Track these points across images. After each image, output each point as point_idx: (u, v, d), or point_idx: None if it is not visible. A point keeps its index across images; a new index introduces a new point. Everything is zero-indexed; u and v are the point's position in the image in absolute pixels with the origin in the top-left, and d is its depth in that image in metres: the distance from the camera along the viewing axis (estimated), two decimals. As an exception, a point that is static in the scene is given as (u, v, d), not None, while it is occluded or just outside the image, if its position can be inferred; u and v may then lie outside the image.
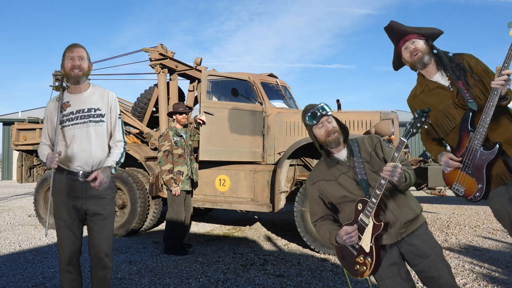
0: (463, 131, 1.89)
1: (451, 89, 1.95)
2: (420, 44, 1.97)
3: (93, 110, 2.28)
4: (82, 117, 2.25)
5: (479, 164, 1.84)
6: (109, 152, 2.37)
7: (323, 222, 1.91)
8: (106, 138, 2.33)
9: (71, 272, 2.28)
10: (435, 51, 2.00)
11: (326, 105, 1.85)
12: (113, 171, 2.27)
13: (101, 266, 2.30)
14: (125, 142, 2.41)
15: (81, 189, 2.24)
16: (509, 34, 1.74)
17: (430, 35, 2.01)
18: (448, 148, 2.09)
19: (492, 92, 1.75)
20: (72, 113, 2.25)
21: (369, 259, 1.70)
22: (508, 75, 1.70)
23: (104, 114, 2.31)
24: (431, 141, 2.13)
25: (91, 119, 2.26)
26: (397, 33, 2.04)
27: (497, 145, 1.81)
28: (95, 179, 2.15)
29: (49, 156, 2.11)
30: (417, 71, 2.10)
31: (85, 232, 2.30)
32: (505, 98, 1.77)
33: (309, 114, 1.85)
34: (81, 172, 2.23)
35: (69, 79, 2.26)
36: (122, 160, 2.35)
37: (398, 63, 2.15)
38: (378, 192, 1.66)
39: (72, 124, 2.23)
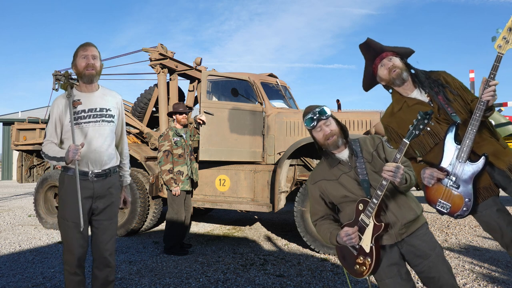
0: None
1: (432, 105, 1.94)
2: (397, 61, 1.99)
3: (105, 110, 2.28)
4: (95, 116, 2.24)
5: (467, 177, 1.81)
6: (117, 151, 2.41)
7: (323, 221, 1.91)
8: (115, 138, 2.37)
9: (78, 274, 2.25)
10: (412, 71, 2.01)
11: (325, 107, 1.84)
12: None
13: (105, 265, 2.29)
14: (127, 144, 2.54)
15: (91, 189, 2.23)
16: (494, 47, 1.77)
17: (404, 54, 2.03)
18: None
19: (478, 103, 1.75)
20: (84, 111, 2.23)
21: (369, 259, 1.70)
22: (495, 85, 1.71)
23: (114, 115, 2.34)
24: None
25: (103, 118, 2.26)
26: (374, 50, 2.04)
27: (484, 156, 1.78)
28: (124, 202, 2.48)
29: (71, 147, 2.05)
30: (390, 90, 2.09)
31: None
32: (490, 109, 1.78)
33: (307, 118, 1.84)
34: (91, 171, 2.22)
35: (82, 77, 2.24)
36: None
37: (370, 83, 2.14)
38: (379, 192, 1.65)
39: (84, 122, 2.22)
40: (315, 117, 1.82)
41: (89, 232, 2.32)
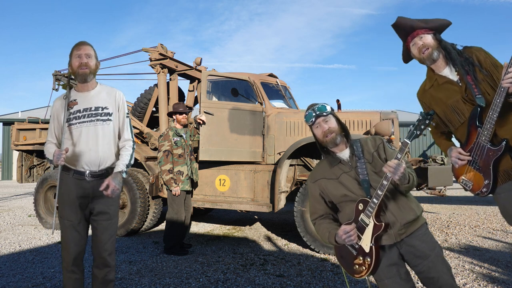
0: (471, 126, 1.87)
1: (460, 84, 1.93)
2: (429, 39, 1.94)
3: (100, 108, 2.27)
4: (90, 115, 2.24)
5: (486, 160, 1.82)
6: (117, 151, 2.35)
7: (322, 220, 1.92)
8: (113, 137, 2.32)
9: (75, 272, 2.27)
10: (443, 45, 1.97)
11: (325, 104, 1.85)
12: (124, 175, 2.27)
13: (104, 265, 2.29)
14: (133, 141, 2.40)
15: (88, 189, 2.23)
16: None
17: (438, 28, 1.97)
18: (457, 143, 2.08)
19: (499, 88, 1.73)
20: (79, 111, 2.23)
21: (369, 259, 1.70)
22: None
23: (112, 113, 2.30)
24: (440, 135, 2.12)
25: (98, 117, 2.25)
26: (404, 29, 2.00)
27: (504, 142, 1.78)
28: (107, 187, 2.16)
29: (56, 152, 2.09)
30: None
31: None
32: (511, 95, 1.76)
33: (307, 114, 1.88)
34: (88, 171, 2.22)
35: (76, 77, 2.25)
36: (132, 162, 2.35)
37: (407, 56, 2.13)
38: (379, 192, 1.66)
39: (79, 123, 2.22)
40: (314, 113, 1.85)
41: (90, 232, 2.32)
